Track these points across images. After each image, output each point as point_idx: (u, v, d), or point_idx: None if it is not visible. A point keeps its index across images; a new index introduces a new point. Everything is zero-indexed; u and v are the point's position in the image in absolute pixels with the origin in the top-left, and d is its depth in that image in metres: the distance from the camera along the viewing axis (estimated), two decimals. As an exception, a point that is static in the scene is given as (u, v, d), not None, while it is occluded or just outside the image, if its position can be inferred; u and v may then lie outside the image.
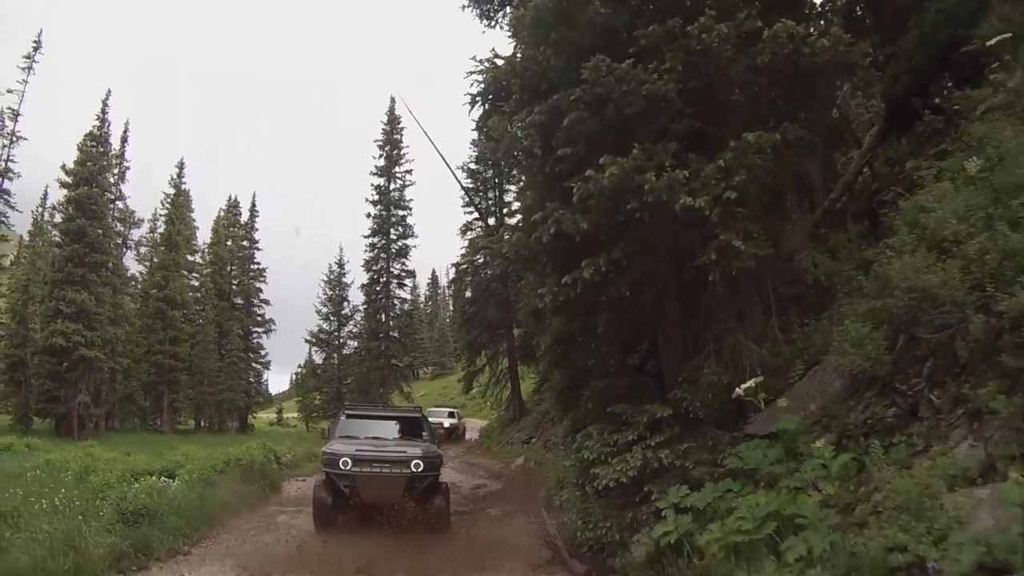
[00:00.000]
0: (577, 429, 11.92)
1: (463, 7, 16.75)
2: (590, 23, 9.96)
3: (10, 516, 10.77)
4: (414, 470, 14.23)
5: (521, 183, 18.76)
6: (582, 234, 9.31)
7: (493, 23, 16.76)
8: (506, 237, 11.84)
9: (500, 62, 13.04)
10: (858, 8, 15.90)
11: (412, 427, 17.12)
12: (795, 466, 7.30)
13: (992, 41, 9.95)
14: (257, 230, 68.80)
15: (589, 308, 11.06)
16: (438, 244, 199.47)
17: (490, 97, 12.95)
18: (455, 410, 48.17)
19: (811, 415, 8.42)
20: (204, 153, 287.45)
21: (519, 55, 11.63)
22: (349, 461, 14.05)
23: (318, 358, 68.31)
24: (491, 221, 40.93)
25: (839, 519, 6.28)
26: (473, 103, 13.65)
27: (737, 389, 7.94)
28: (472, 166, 43.12)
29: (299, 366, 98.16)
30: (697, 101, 9.73)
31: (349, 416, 17.34)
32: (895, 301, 7.09)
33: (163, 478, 15.59)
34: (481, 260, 40.67)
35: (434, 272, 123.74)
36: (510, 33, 12.93)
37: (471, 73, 13.88)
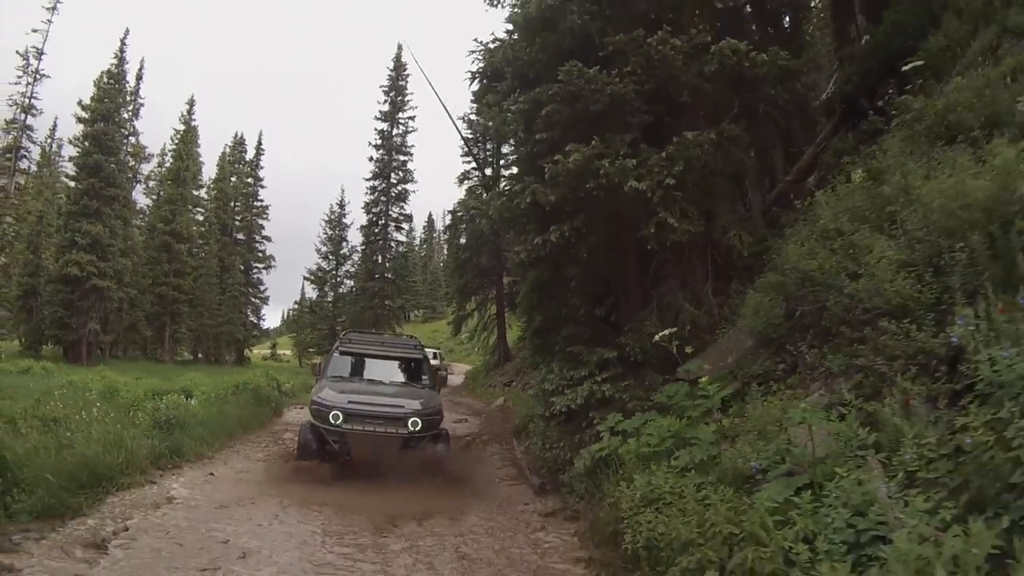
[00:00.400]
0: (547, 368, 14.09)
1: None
2: (569, 29, 12.03)
3: (62, 422, 12.33)
4: (412, 429, 13.08)
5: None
6: (551, 205, 11.45)
7: (496, 4, 18.51)
8: (493, 203, 13.89)
9: (496, 45, 15.04)
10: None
11: (412, 369, 16.07)
12: (699, 402, 9.31)
13: (907, 67, 11.81)
14: (262, 167, 70.60)
15: (559, 264, 13.17)
16: (436, 188, 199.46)
17: (487, 77, 14.96)
18: (438, 351, 46.65)
19: (727, 366, 10.36)
20: (213, 82, 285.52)
21: (512, 48, 13.48)
22: (340, 415, 12.93)
23: (311, 294, 70.36)
24: (488, 171, 41.67)
25: (723, 441, 8.32)
26: (473, 78, 15.73)
27: (656, 336, 9.90)
28: (472, 117, 43.42)
29: (295, 303, 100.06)
30: (653, 100, 11.68)
31: (344, 352, 16.16)
32: (786, 279, 9.11)
33: (183, 397, 17.49)
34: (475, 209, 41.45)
35: (430, 216, 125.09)
36: (509, 26, 14.78)
37: (472, 52, 15.97)
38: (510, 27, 14.93)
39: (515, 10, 13.28)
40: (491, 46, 15.37)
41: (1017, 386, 4.46)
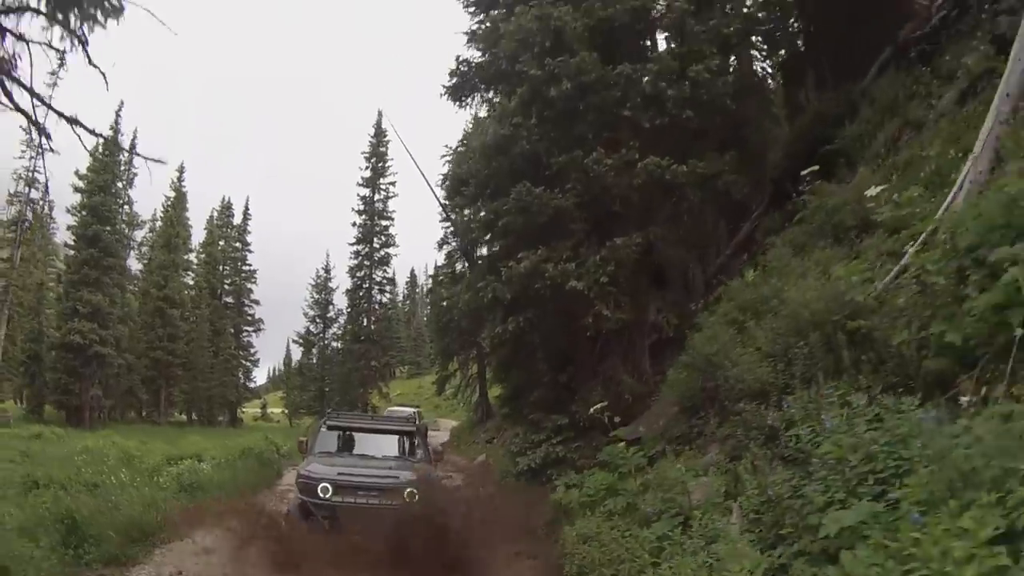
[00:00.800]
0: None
1: (441, 95, 21.20)
2: (521, 152, 14.67)
3: (101, 486, 14.41)
4: (408, 500, 12.00)
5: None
6: (508, 301, 13.98)
7: (464, 106, 21.23)
8: (462, 296, 16.47)
9: (463, 151, 17.84)
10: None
11: (405, 444, 14.94)
12: (628, 460, 11.63)
13: (805, 172, 14.19)
14: (249, 232, 72.85)
15: (522, 344, 15.69)
16: (419, 240, 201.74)
17: (456, 182, 17.75)
18: (417, 409, 43.35)
19: (659, 428, 12.63)
20: (201, 147, 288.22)
21: (475, 164, 16.17)
22: (329, 488, 12.06)
23: (296, 354, 72.38)
24: (459, 267, 42.22)
25: (644, 491, 10.66)
26: (444, 181, 18.52)
27: (591, 410, 12.33)
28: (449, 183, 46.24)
29: (282, 363, 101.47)
30: (591, 209, 14.31)
31: (331, 427, 15.14)
32: (695, 360, 11.55)
33: (197, 462, 19.77)
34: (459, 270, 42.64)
35: (412, 272, 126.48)
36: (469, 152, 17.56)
37: (443, 156, 18.94)
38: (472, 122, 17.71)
39: (479, 138, 15.89)
40: (459, 149, 18.19)
41: (816, 454, 6.54)
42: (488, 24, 17.40)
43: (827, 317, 8.40)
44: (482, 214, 15.15)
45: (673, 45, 16.35)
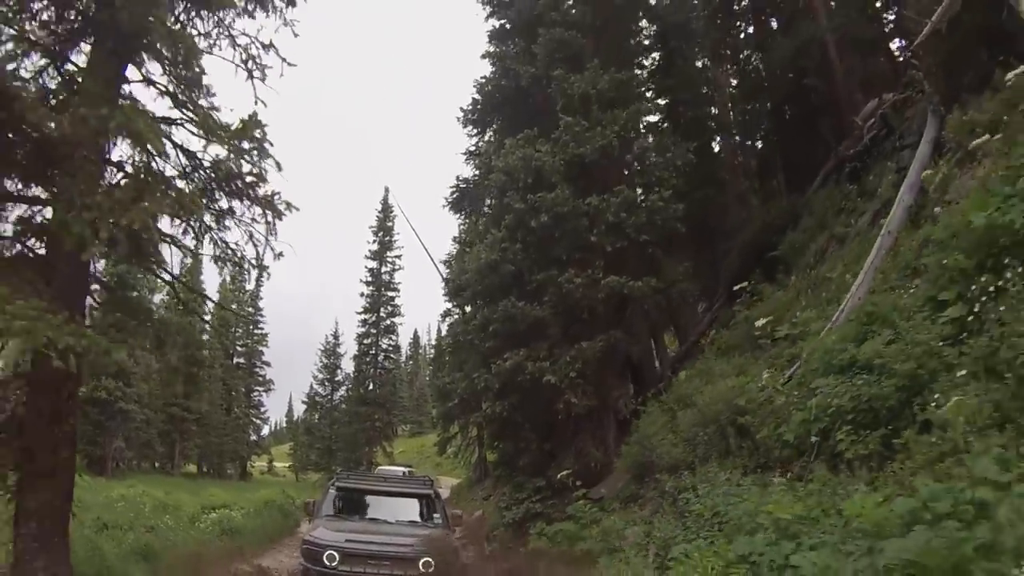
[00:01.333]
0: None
1: (443, 206, 25.08)
2: (508, 271, 18.45)
3: (156, 528, 17.38)
4: (424, 570, 11.00)
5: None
6: (495, 390, 17.62)
7: (461, 214, 25.20)
8: (460, 383, 19.98)
9: (462, 267, 21.60)
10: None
11: (420, 507, 13.75)
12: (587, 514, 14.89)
13: (738, 286, 17.53)
14: (261, 298, 75.91)
15: (509, 422, 19.20)
16: (422, 302, 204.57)
17: (456, 287, 21.44)
18: (411, 468, 39.96)
19: (618, 490, 15.89)
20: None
21: (471, 280, 19.74)
22: (336, 556, 11.02)
23: (299, 406, 74.68)
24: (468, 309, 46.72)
25: (599, 535, 13.88)
26: (445, 284, 22.18)
27: (558, 476, 15.78)
28: (454, 259, 49.48)
29: (284, 416, 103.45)
30: (564, 316, 17.96)
31: (340, 489, 14.01)
32: (640, 439, 14.84)
33: (228, 511, 22.97)
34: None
35: (416, 333, 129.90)
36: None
37: (444, 261, 22.77)
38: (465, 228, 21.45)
39: (470, 273, 19.55)
40: (457, 257, 22.01)
41: (705, 515, 9.21)
42: (481, 154, 21.53)
43: (722, 413, 11.37)
44: (476, 319, 18.69)
45: (636, 178, 19.99)
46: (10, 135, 7.34)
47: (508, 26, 23.29)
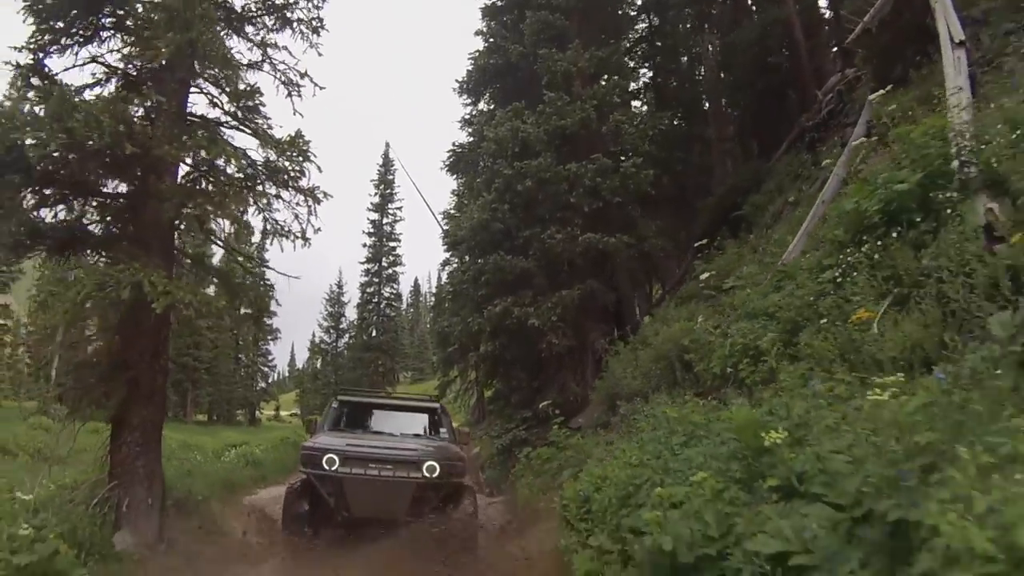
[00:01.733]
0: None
1: (441, 169, 27.37)
2: (498, 228, 20.65)
3: (189, 459, 19.80)
4: (428, 475, 10.77)
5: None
6: (487, 332, 19.93)
7: (457, 176, 27.42)
8: (456, 327, 22.30)
9: (458, 218, 23.79)
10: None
11: (427, 421, 13.89)
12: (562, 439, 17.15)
13: (698, 243, 19.55)
14: (267, 250, 77.61)
15: (500, 361, 21.58)
16: (423, 248, 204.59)
17: (453, 242, 23.80)
18: None
19: (595, 419, 18.02)
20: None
21: (465, 234, 21.97)
22: (336, 459, 10.62)
23: (301, 356, 76.78)
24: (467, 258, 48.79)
25: (575, 459, 16.14)
26: (444, 236, 24.40)
27: (540, 406, 18.11)
28: (452, 212, 51.57)
29: (291, 368, 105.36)
30: (546, 268, 20.19)
31: (343, 403, 13.99)
32: (611, 374, 17.06)
33: (248, 447, 25.61)
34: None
35: (416, 281, 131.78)
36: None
37: (443, 213, 24.92)
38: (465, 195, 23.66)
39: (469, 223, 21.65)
40: (455, 211, 24.25)
41: (646, 429, 11.14)
42: (475, 122, 24.06)
43: (671, 351, 13.39)
44: (470, 270, 20.86)
45: (610, 146, 21.94)
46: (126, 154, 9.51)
47: (499, 3, 25.07)
